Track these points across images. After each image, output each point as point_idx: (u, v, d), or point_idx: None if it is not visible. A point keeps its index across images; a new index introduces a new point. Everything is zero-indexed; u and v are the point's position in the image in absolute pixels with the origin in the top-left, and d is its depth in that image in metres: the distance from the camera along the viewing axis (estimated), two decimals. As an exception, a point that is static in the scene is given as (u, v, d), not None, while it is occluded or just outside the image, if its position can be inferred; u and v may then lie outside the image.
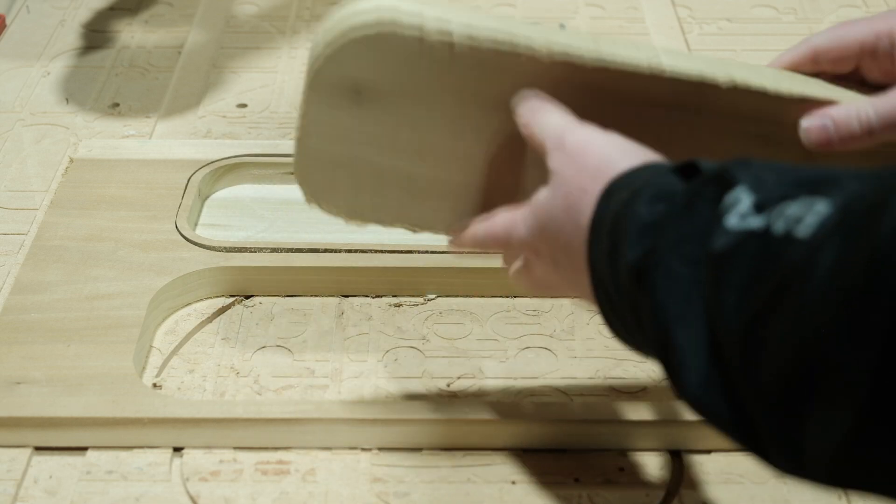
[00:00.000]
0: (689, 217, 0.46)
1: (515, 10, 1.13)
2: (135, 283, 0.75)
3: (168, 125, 0.96)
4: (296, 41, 1.09)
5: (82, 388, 0.68)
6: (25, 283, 0.76)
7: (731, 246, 0.43)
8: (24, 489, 0.64)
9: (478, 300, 0.78)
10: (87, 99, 0.99)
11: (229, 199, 0.87)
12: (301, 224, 0.84)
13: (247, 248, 0.78)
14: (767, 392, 0.41)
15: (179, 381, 0.71)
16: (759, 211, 0.43)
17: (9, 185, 0.88)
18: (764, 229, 0.42)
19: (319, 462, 0.66)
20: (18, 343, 0.71)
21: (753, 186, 0.44)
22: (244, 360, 0.73)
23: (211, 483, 0.64)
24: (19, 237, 0.82)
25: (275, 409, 0.66)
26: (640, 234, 0.47)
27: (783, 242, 0.41)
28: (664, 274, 0.45)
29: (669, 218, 0.47)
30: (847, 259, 0.38)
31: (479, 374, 0.72)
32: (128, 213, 0.82)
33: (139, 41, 1.08)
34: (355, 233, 0.83)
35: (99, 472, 0.65)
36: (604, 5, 1.14)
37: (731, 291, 0.42)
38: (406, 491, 0.64)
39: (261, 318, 0.76)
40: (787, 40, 1.08)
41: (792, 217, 0.41)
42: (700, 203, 0.46)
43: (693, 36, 1.09)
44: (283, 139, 0.93)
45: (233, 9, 1.14)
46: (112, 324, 0.72)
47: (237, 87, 1.01)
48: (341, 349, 0.74)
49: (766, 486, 0.64)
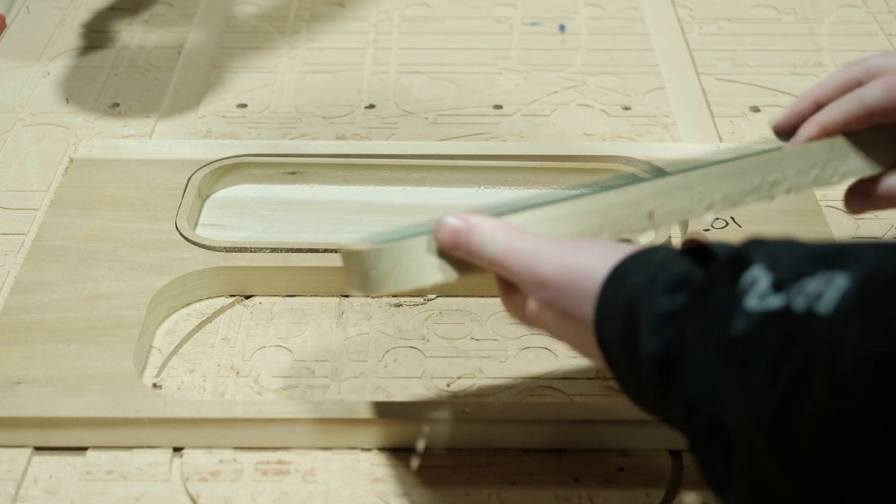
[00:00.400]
0: (709, 303, 0.45)
1: (515, 10, 1.13)
2: (135, 283, 0.75)
3: (168, 125, 0.96)
4: (296, 41, 1.09)
5: (82, 388, 0.68)
6: (25, 283, 0.76)
7: (752, 328, 0.42)
8: (24, 489, 0.64)
9: (478, 300, 0.78)
10: (87, 99, 0.99)
11: (229, 199, 0.87)
12: (301, 224, 0.84)
13: (247, 248, 0.78)
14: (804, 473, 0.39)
15: (179, 381, 0.71)
16: (778, 290, 0.42)
17: (9, 185, 0.88)
18: (784, 308, 0.41)
19: (319, 462, 0.66)
20: (18, 343, 0.71)
21: (770, 265, 0.43)
22: (244, 360, 0.73)
23: (211, 483, 0.64)
24: (19, 237, 0.82)
25: (275, 409, 0.66)
26: (661, 325, 0.46)
27: (805, 320, 0.40)
28: (692, 364, 0.44)
29: (689, 307, 0.46)
30: (874, 332, 0.37)
31: (479, 374, 0.72)
32: (128, 213, 0.82)
33: (139, 41, 1.08)
34: (355, 233, 0.83)
35: (99, 472, 0.65)
36: (604, 5, 1.14)
37: (756, 375, 0.41)
38: (406, 491, 0.64)
39: (261, 318, 0.76)
40: (787, 40, 1.08)
41: (812, 293, 0.40)
42: (718, 288, 0.45)
43: (693, 36, 1.09)
44: (283, 139, 0.93)
45: (233, 9, 1.14)
46: (112, 324, 0.72)
47: (237, 87, 1.01)
48: (341, 349, 0.74)
49: (766, 486, 0.64)
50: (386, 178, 0.87)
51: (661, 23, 1.12)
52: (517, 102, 0.99)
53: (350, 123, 0.96)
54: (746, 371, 0.42)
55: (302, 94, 1.00)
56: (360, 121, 0.96)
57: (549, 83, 1.02)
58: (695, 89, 1.01)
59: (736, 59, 1.05)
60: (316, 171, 0.88)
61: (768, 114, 0.97)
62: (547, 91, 1.01)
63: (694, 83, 1.02)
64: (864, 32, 1.09)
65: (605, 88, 1.01)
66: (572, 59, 1.06)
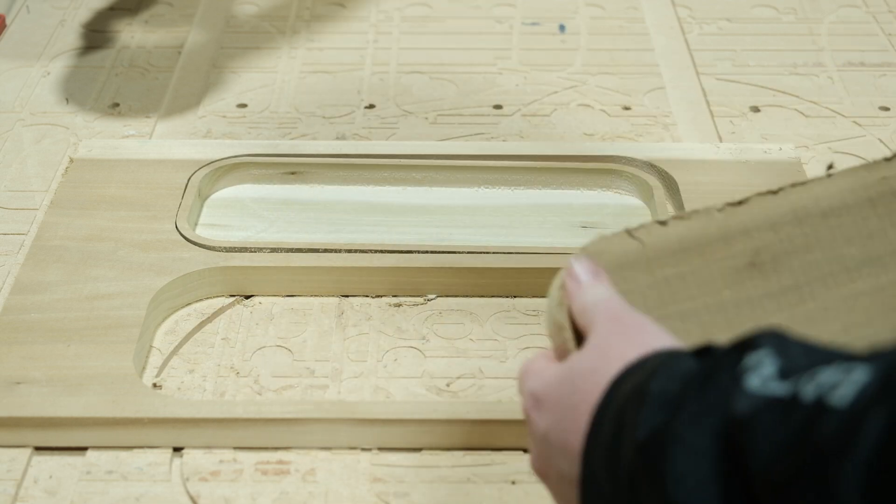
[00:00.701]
0: (708, 388, 0.41)
1: (515, 10, 1.13)
2: (135, 283, 0.75)
3: (168, 125, 0.96)
4: (296, 41, 1.09)
5: (82, 388, 0.68)
6: (25, 283, 0.76)
7: (753, 410, 0.38)
8: (24, 489, 0.64)
9: (478, 300, 0.78)
10: (87, 99, 0.99)
11: (229, 199, 0.87)
12: (301, 224, 0.84)
13: (247, 248, 0.78)
14: None
15: (179, 381, 0.71)
16: (785, 377, 0.39)
17: (9, 185, 0.88)
18: (791, 396, 0.38)
19: (319, 462, 0.66)
20: (18, 343, 0.71)
21: (779, 352, 0.40)
22: (244, 360, 0.73)
23: (211, 483, 0.64)
24: (19, 237, 0.82)
25: (275, 409, 0.66)
26: (654, 410, 0.42)
27: (815, 411, 0.36)
28: (681, 448, 0.40)
29: (686, 391, 0.42)
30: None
31: (479, 374, 0.72)
32: (128, 213, 0.82)
33: (139, 41, 1.08)
34: (355, 233, 0.83)
35: (99, 472, 0.65)
36: (604, 5, 1.14)
37: (755, 462, 0.38)
38: (406, 491, 0.64)
39: (261, 318, 0.76)
40: (787, 40, 1.08)
41: (826, 384, 0.37)
42: (719, 373, 0.41)
43: (693, 36, 1.09)
44: (283, 139, 0.93)
45: (233, 9, 1.14)
46: (112, 324, 0.72)
47: (237, 87, 1.01)
48: (341, 349, 0.74)
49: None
50: (386, 178, 0.87)
51: (661, 23, 1.12)
52: (517, 102, 0.99)
53: (350, 123, 0.96)
54: (743, 457, 0.38)
55: (302, 94, 1.00)
56: (360, 121, 0.96)
57: (549, 83, 1.02)
58: (695, 89, 1.01)
59: (736, 59, 1.05)
60: (316, 171, 0.88)
61: (768, 114, 0.97)
62: (547, 91, 1.01)
63: (694, 83, 1.02)
64: (864, 32, 1.09)
65: (605, 88, 1.01)
66: (572, 59, 1.06)
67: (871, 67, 1.04)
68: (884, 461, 0.33)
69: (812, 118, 0.97)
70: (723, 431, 0.39)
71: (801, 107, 0.98)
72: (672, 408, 0.42)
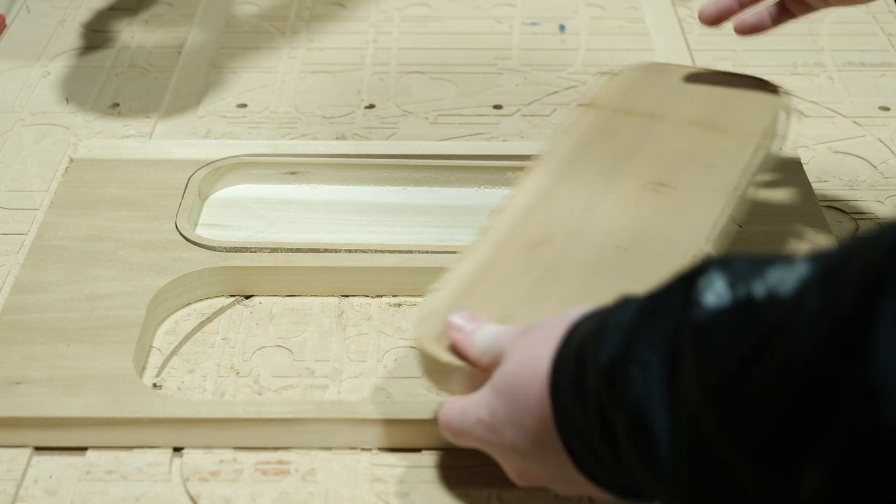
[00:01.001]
0: (661, 313, 0.45)
1: (515, 10, 1.13)
2: (135, 283, 0.75)
3: (168, 125, 0.96)
4: (296, 41, 1.09)
5: (82, 388, 0.68)
6: (25, 283, 0.76)
7: (710, 316, 0.42)
8: (24, 489, 0.64)
9: (478, 300, 0.78)
10: (87, 99, 0.99)
11: (229, 199, 0.87)
12: (301, 224, 0.84)
13: (247, 248, 0.78)
14: (757, 445, 0.40)
15: (179, 381, 0.71)
16: (735, 286, 0.42)
17: (9, 185, 0.88)
18: (745, 297, 0.41)
19: (319, 462, 0.66)
20: (18, 343, 0.71)
21: (725, 269, 0.43)
22: (244, 360, 0.73)
23: (211, 483, 0.64)
24: (19, 237, 0.82)
25: (275, 409, 0.66)
26: (614, 338, 0.46)
27: (765, 303, 0.40)
28: (640, 366, 0.44)
29: (641, 319, 0.46)
30: (830, 302, 0.37)
31: (479, 374, 0.72)
32: (128, 213, 0.82)
33: (139, 41, 1.08)
34: (355, 233, 0.83)
35: (99, 472, 0.65)
36: (604, 5, 1.14)
37: (712, 355, 0.41)
38: (406, 491, 0.64)
39: (261, 318, 0.76)
40: (787, 40, 1.08)
41: (773, 281, 0.41)
42: (671, 299, 0.45)
43: (693, 36, 1.09)
44: (283, 139, 0.93)
45: (233, 9, 1.14)
46: (112, 324, 0.72)
47: (237, 87, 1.01)
48: (341, 349, 0.74)
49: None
50: (386, 178, 0.87)
51: (661, 23, 1.12)
52: (517, 102, 0.99)
53: (350, 123, 0.96)
54: (700, 354, 0.42)
55: (302, 94, 1.00)
56: (360, 121, 0.96)
57: (549, 83, 1.02)
58: (695, 89, 1.01)
59: (736, 59, 1.05)
60: (316, 171, 0.88)
61: (768, 114, 0.97)
62: (547, 91, 1.01)
63: (694, 83, 1.02)
64: (864, 32, 1.09)
65: (605, 88, 1.01)
66: (572, 59, 1.06)
67: (871, 67, 1.04)
68: (820, 330, 0.37)
69: (812, 118, 0.97)
70: (677, 341, 0.43)
71: (801, 107, 0.98)
72: (629, 334, 0.45)
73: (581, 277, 0.64)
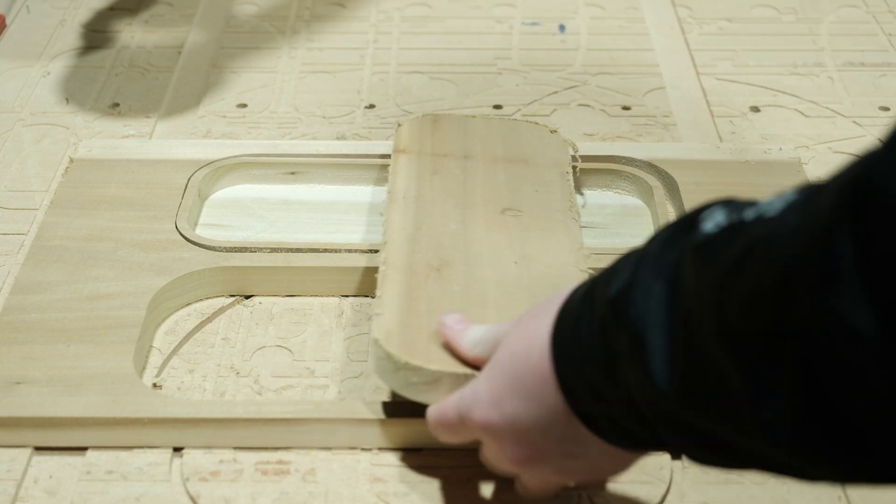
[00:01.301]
0: (670, 244, 0.48)
1: (515, 10, 1.13)
2: (135, 283, 0.75)
3: (168, 125, 0.96)
4: (296, 41, 1.09)
5: (82, 388, 0.68)
6: (25, 283, 0.76)
7: (707, 237, 0.46)
8: (24, 489, 0.64)
9: (478, 300, 0.78)
10: (87, 99, 0.99)
11: (229, 199, 0.87)
12: (301, 224, 0.84)
13: (247, 248, 0.78)
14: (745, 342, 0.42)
15: (179, 381, 0.71)
16: (731, 215, 0.46)
17: (9, 185, 0.88)
18: (737, 220, 0.45)
19: (319, 462, 0.66)
20: (18, 343, 0.71)
21: (726, 205, 0.47)
22: (244, 360, 0.73)
23: (211, 483, 0.64)
24: (19, 237, 0.82)
25: (275, 409, 0.66)
26: (623, 275, 0.49)
27: (753, 224, 0.44)
28: (642, 291, 0.47)
29: (650, 250, 0.49)
30: (808, 216, 0.41)
31: (479, 374, 0.72)
32: (128, 213, 0.82)
33: (139, 41, 1.08)
34: (355, 233, 0.83)
35: (99, 472, 0.65)
36: (604, 5, 1.14)
37: (706, 266, 0.45)
38: (406, 491, 0.64)
39: (261, 318, 0.76)
40: (787, 40, 1.08)
41: (763, 208, 0.44)
42: (678, 234, 0.48)
43: (693, 36, 1.09)
44: (283, 139, 0.93)
45: (233, 9, 1.14)
46: (112, 324, 0.72)
47: (237, 87, 1.01)
48: (341, 349, 0.74)
49: (766, 486, 0.64)
50: (386, 178, 0.87)
51: (661, 23, 1.12)
52: (517, 102, 0.99)
53: (350, 123, 0.96)
54: (696, 269, 0.45)
55: (302, 94, 1.00)
56: (360, 121, 0.96)
57: (549, 83, 1.02)
58: (695, 89, 1.01)
59: (736, 59, 1.05)
60: (316, 171, 0.88)
61: (768, 114, 0.97)
62: (547, 91, 1.01)
63: (694, 83, 1.02)
64: (864, 32, 1.10)
65: (605, 88, 1.01)
66: (572, 59, 1.06)
67: (871, 67, 1.04)
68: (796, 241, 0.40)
69: (812, 118, 0.97)
70: (678, 264, 0.46)
71: (801, 107, 0.98)
72: (636, 267, 0.49)
73: (498, 289, 0.69)
